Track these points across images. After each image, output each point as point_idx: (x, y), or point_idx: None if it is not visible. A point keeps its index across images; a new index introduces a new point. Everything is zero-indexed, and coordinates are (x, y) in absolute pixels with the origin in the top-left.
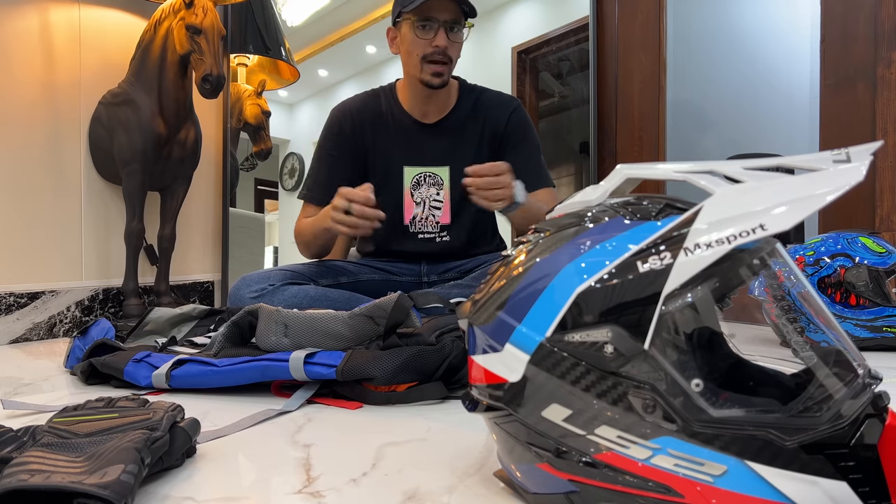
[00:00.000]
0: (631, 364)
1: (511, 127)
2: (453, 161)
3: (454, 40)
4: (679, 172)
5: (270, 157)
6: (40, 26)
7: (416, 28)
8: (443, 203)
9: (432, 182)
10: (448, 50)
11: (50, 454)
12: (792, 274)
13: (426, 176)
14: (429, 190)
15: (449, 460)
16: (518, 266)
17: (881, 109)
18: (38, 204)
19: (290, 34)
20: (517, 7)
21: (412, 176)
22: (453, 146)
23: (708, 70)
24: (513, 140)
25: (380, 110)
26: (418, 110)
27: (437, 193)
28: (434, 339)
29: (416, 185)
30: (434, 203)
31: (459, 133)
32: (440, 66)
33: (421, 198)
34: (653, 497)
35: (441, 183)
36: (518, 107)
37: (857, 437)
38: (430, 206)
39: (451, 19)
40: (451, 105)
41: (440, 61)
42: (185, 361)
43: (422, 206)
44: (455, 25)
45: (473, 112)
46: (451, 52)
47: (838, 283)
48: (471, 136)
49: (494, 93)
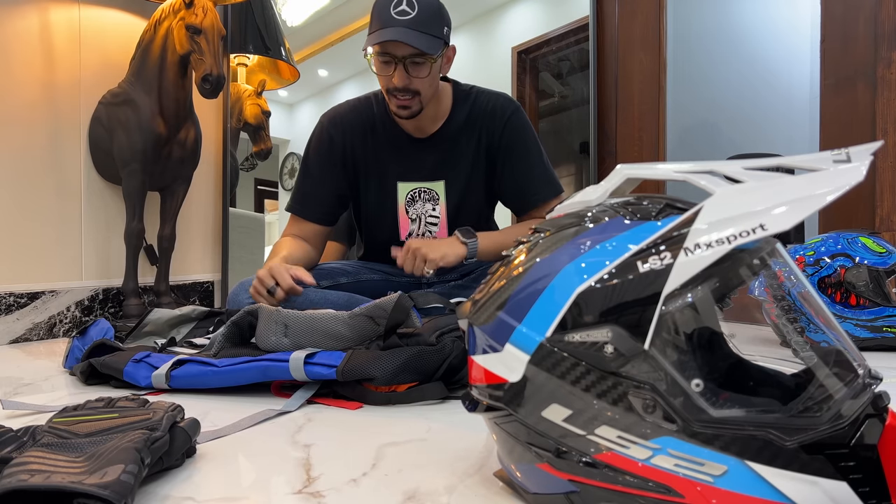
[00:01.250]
0: (631, 364)
1: (508, 138)
2: (449, 175)
3: (416, 75)
4: (679, 172)
5: (270, 157)
6: (40, 26)
7: (378, 63)
8: (439, 219)
9: (427, 197)
10: (410, 85)
11: (50, 454)
12: (792, 274)
13: (421, 192)
14: (424, 206)
15: (449, 460)
16: (518, 266)
17: (881, 109)
18: (39, 204)
19: (290, 34)
20: (517, 7)
21: (406, 192)
22: (448, 160)
23: (708, 70)
24: (515, 152)
25: (372, 121)
26: (411, 125)
27: (433, 209)
28: (434, 339)
29: (410, 202)
30: (430, 219)
31: (454, 146)
32: (404, 101)
33: (416, 214)
34: (653, 497)
35: (437, 198)
36: (514, 112)
37: (857, 437)
38: (426, 221)
39: (408, 55)
40: (444, 115)
41: (403, 97)
42: (185, 361)
43: (417, 222)
44: (417, 58)
45: (468, 123)
46: (415, 86)
47: (838, 283)
48: (466, 148)
49: (489, 96)
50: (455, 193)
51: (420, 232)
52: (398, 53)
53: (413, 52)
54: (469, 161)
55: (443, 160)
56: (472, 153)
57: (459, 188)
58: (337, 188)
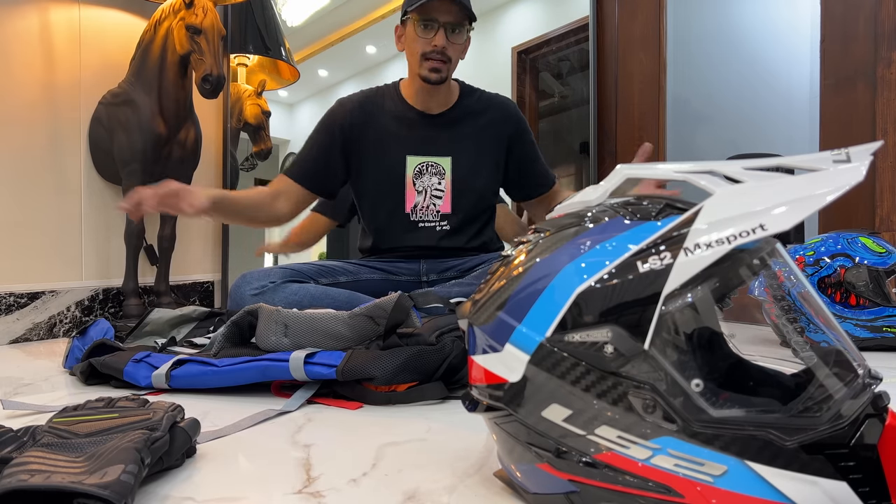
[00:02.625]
0: (631, 364)
1: (515, 127)
2: (455, 152)
3: (454, 41)
4: (679, 172)
5: (270, 158)
6: (40, 26)
7: (419, 27)
8: (444, 192)
9: (434, 171)
10: (447, 50)
11: (50, 454)
12: (792, 274)
13: (428, 165)
14: (430, 179)
15: (449, 460)
16: (518, 266)
17: (881, 109)
18: (39, 204)
19: (290, 34)
20: (517, 7)
21: (414, 165)
22: (455, 137)
23: (708, 70)
24: (523, 140)
25: (382, 101)
26: (421, 104)
27: (439, 183)
28: (434, 339)
29: (418, 175)
30: (435, 192)
31: (461, 126)
32: (438, 63)
33: (423, 186)
34: (653, 497)
35: (443, 172)
36: (518, 109)
37: (857, 437)
38: (431, 194)
39: (452, 21)
40: (452, 101)
41: (438, 59)
42: (185, 361)
43: (423, 194)
44: (456, 27)
45: (475, 109)
46: (450, 52)
47: (838, 283)
48: (472, 129)
49: (493, 94)
50: (460, 170)
51: (425, 204)
52: (442, 19)
53: (456, 18)
54: (474, 143)
55: (450, 137)
56: (477, 136)
57: (465, 166)
58: (335, 165)
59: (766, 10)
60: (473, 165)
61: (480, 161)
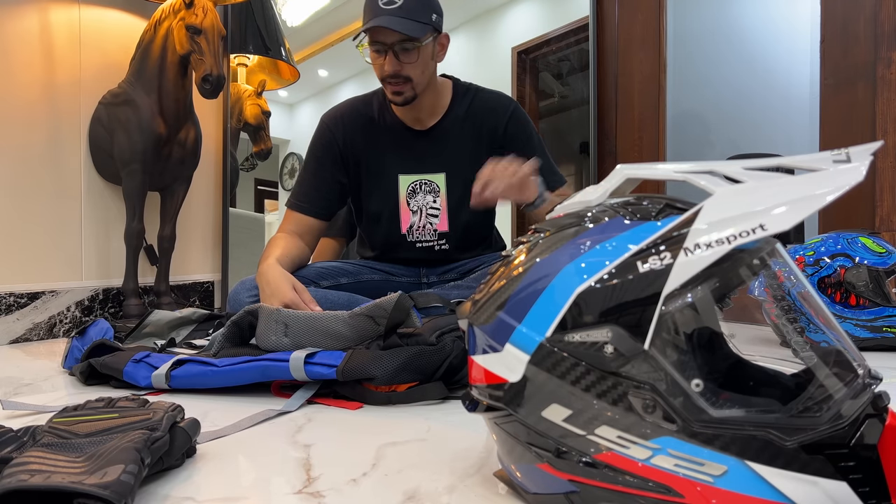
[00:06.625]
0: (631, 364)
1: (511, 130)
2: (449, 167)
3: (406, 60)
4: (679, 172)
5: (270, 158)
6: (40, 26)
7: (371, 52)
8: (440, 211)
9: (428, 189)
10: (401, 71)
11: (50, 454)
12: (792, 274)
13: (422, 184)
14: (425, 198)
15: (449, 460)
16: (518, 266)
17: (881, 109)
18: (39, 204)
19: (290, 34)
20: (517, 7)
21: (407, 184)
22: (448, 152)
23: (708, 70)
24: (517, 144)
25: (371, 117)
26: (410, 117)
27: (434, 201)
28: (434, 339)
29: (411, 194)
30: (431, 211)
31: (454, 138)
32: (397, 87)
33: (417, 206)
34: (653, 497)
35: (437, 190)
36: (516, 107)
37: (857, 437)
38: (426, 214)
39: (396, 41)
40: (443, 109)
41: (395, 83)
42: (185, 361)
43: (418, 214)
44: (405, 44)
45: (468, 115)
46: (406, 72)
47: (838, 283)
48: (466, 140)
49: (490, 93)
50: (456, 186)
51: (421, 224)
52: (387, 41)
53: (400, 38)
54: (469, 154)
55: (442, 152)
56: (472, 146)
57: (460, 181)
58: (336, 182)
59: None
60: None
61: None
